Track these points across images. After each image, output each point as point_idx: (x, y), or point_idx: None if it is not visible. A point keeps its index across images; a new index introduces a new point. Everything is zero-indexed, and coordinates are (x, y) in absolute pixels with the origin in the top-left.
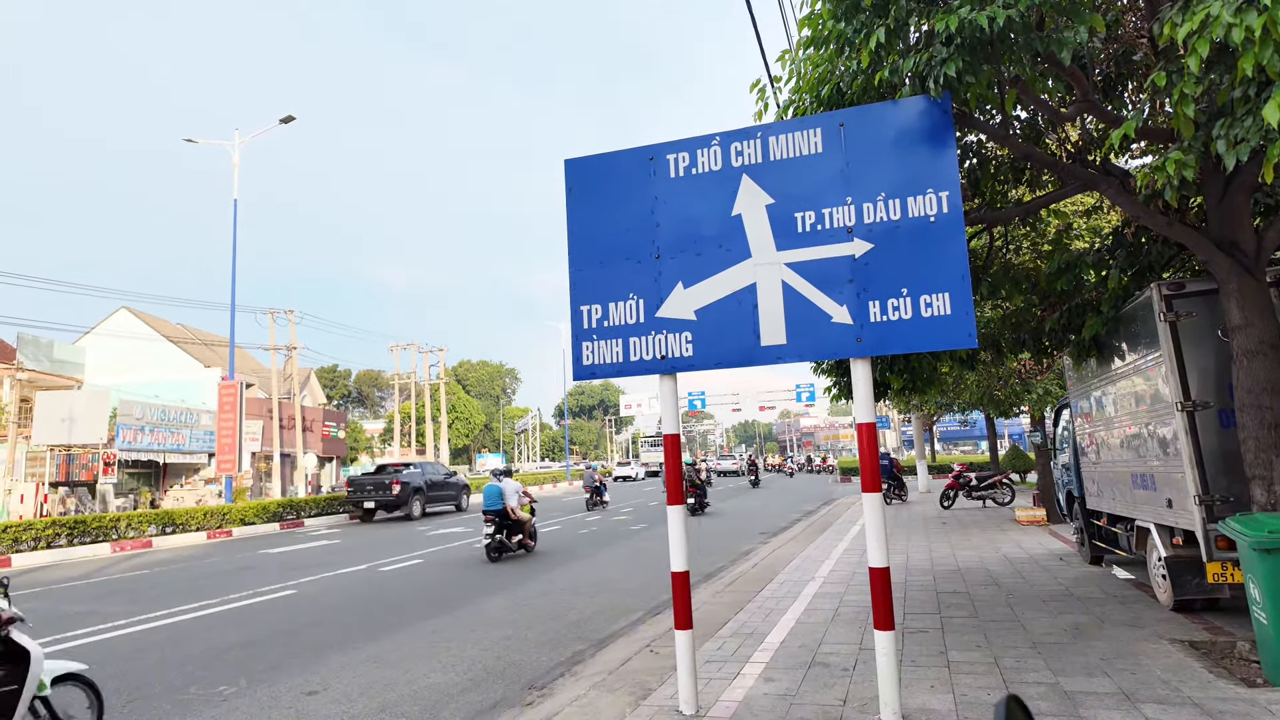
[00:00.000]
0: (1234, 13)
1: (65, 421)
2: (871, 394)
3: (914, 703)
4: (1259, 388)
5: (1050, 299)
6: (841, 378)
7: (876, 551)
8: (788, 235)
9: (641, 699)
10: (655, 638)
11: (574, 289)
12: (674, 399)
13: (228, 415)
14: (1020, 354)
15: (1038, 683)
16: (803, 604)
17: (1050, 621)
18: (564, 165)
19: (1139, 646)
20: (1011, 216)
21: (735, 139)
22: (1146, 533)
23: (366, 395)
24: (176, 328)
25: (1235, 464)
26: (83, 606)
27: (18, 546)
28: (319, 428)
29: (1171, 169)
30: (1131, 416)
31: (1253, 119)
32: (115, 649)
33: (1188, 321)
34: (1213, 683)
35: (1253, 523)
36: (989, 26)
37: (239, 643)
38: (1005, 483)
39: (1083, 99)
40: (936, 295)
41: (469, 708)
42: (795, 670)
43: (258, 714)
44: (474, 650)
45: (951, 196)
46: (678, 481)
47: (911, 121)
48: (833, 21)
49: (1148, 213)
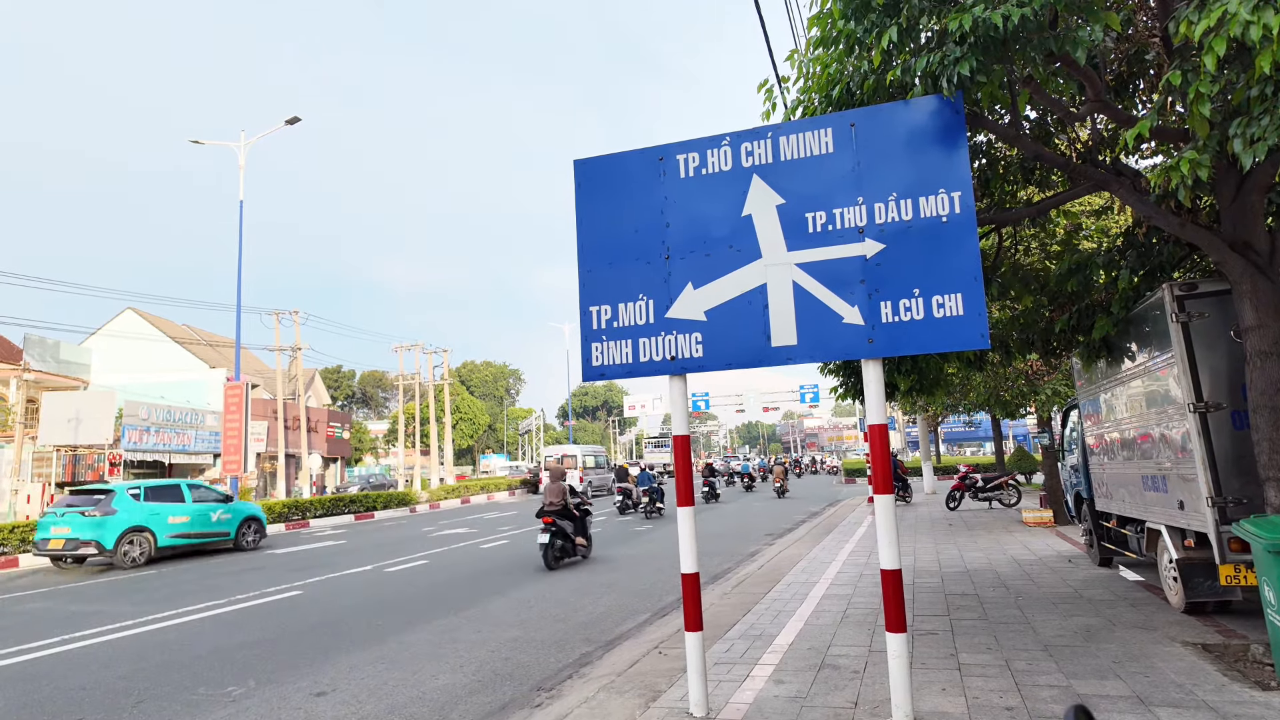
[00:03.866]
0: (1251, 10)
1: (71, 422)
2: (883, 395)
3: (926, 706)
4: (1273, 389)
5: (1060, 300)
6: (849, 377)
7: (888, 553)
8: (798, 235)
9: (651, 701)
10: (663, 639)
11: (583, 289)
12: (684, 400)
13: (233, 416)
14: (1028, 355)
15: (1050, 685)
16: (811, 605)
17: (1061, 624)
18: (573, 166)
19: (1151, 649)
20: (1021, 217)
21: (745, 139)
22: (1157, 535)
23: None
24: (182, 329)
25: (1248, 466)
26: (90, 606)
27: (25, 547)
28: (324, 428)
29: (1186, 168)
30: (1142, 418)
31: (1270, 118)
32: (123, 649)
33: (1200, 322)
34: (1227, 686)
35: (1267, 525)
36: (1003, 25)
37: (246, 643)
38: (1011, 484)
39: (1095, 98)
40: (949, 296)
41: (478, 709)
42: (805, 672)
43: (267, 715)
44: (482, 651)
45: (964, 196)
46: (688, 483)
47: (923, 121)
48: (843, 21)
49: (1159, 213)
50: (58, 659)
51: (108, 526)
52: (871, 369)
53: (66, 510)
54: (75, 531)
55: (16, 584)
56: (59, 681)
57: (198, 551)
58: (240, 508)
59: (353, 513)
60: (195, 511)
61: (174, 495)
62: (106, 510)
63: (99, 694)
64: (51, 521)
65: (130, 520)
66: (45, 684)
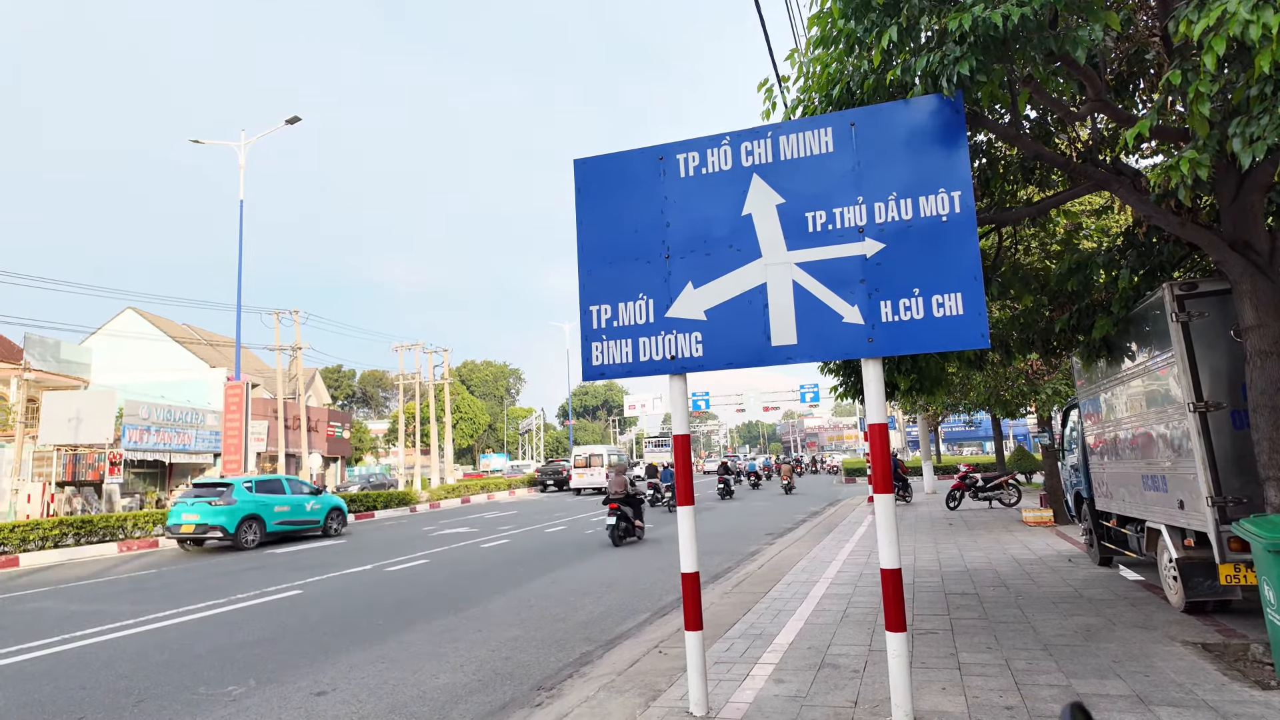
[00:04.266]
0: (1251, 9)
1: (72, 421)
2: (883, 395)
3: (925, 705)
4: (1273, 388)
5: (1060, 299)
6: (848, 376)
7: (888, 553)
8: (798, 235)
9: (651, 700)
10: (663, 639)
11: (583, 289)
12: (684, 400)
13: (234, 415)
14: (1028, 354)
15: (1050, 685)
16: (811, 605)
17: (1061, 623)
18: (573, 165)
19: (1151, 648)
20: (1021, 216)
21: (745, 139)
22: (1157, 534)
23: (371, 395)
24: (182, 328)
25: (1248, 465)
26: (90, 606)
27: (25, 546)
28: (324, 428)
29: (1186, 168)
30: (1142, 417)
31: (1269, 117)
32: (124, 648)
33: (1200, 322)
34: (1227, 685)
35: (1267, 524)
36: (1003, 24)
37: (247, 642)
38: (1011, 484)
39: (1095, 98)
40: (949, 295)
41: (478, 708)
42: (805, 672)
43: (267, 714)
44: (482, 651)
45: (964, 196)
46: (688, 482)
47: (923, 121)
48: (843, 20)
49: (1159, 212)
50: (58, 658)
51: (231, 514)
52: (871, 368)
53: (195, 500)
54: (204, 518)
55: (19, 583)
56: (60, 681)
57: (291, 537)
58: (327, 500)
59: (353, 512)
60: (294, 502)
61: (277, 488)
62: (229, 500)
63: (99, 693)
64: (183, 509)
65: (247, 509)
66: (46, 683)
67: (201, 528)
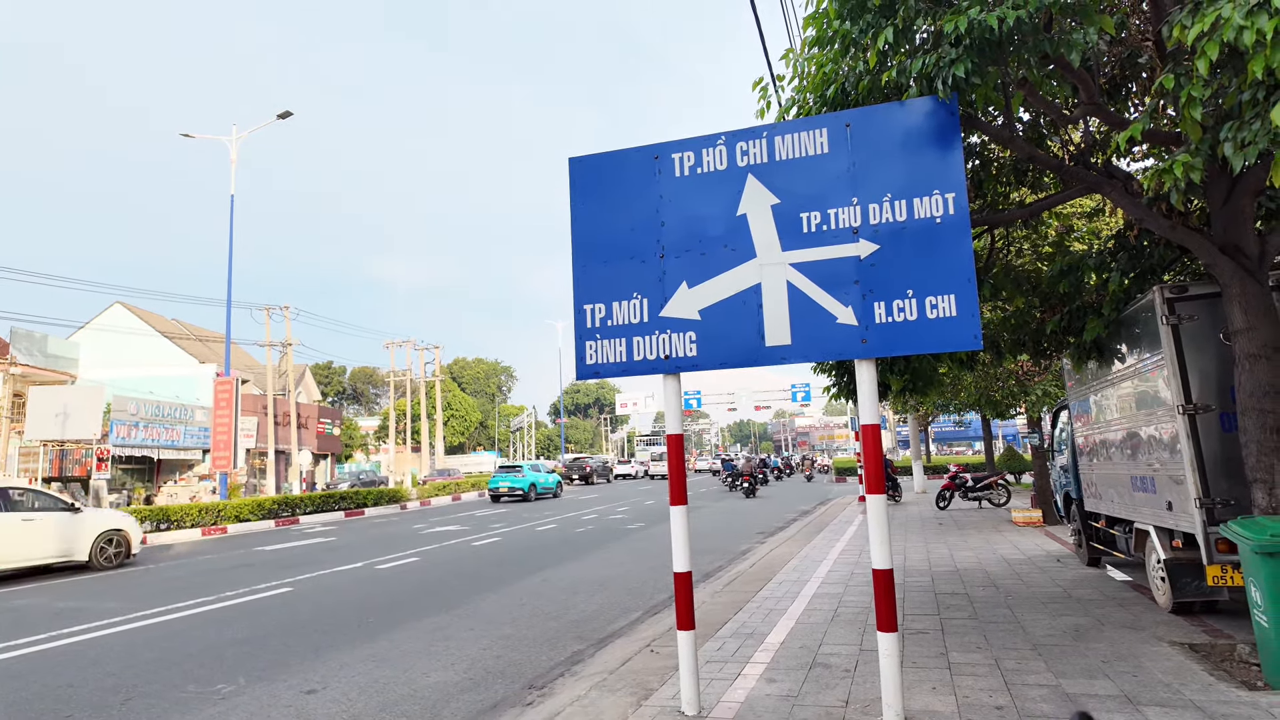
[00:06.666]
0: (1245, 15)
1: (59, 417)
2: (876, 395)
3: (916, 704)
4: (1261, 391)
5: (1051, 301)
6: (842, 377)
7: (880, 553)
8: (793, 235)
9: (643, 699)
10: (655, 637)
11: (577, 288)
12: (678, 399)
13: (223, 411)
14: (1019, 355)
15: (1039, 685)
16: (802, 604)
17: (1050, 623)
18: (568, 164)
19: (1139, 649)
20: (1014, 218)
21: (741, 138)
22: (1146, 535)
23: (361, 392)
24: (171, 323)
25: (1236, 467)
26: (77, 603)
27: None
28: (314, 424)
29: (1179, 171)
30: (1131, 419)
31: (1261, 122)
32: (111, 646)
33: (1190, 325)
34: (1213, 685)
35: (1254, 526)
36: (998, 27)
37: (236, 640)
38: (1001, 484)
39: (1089, 101)
40: (942, 297)
41: (469, 707)
42: (796, 671)
43: (257, 713)
44: (473, 649)
45: (958, 198)
46: (681, 482)
47: (918, 122)
48: (838, 21)
49: (1151, 215)
50: (44, 656)
51: (524, 482)
52: (865, 369)
53: (505, 475)
54: (511, 485)
55: (4, 581)
56: (46, 679)
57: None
58: (553, 477)
59: (343, 509)
60: (540, 477)
61: (534, 469)
62: (521, 475)
63: (87, 692)
64: (500, 479)
65: (530, 480)
66: (32, 681)
67: (512, 490)
